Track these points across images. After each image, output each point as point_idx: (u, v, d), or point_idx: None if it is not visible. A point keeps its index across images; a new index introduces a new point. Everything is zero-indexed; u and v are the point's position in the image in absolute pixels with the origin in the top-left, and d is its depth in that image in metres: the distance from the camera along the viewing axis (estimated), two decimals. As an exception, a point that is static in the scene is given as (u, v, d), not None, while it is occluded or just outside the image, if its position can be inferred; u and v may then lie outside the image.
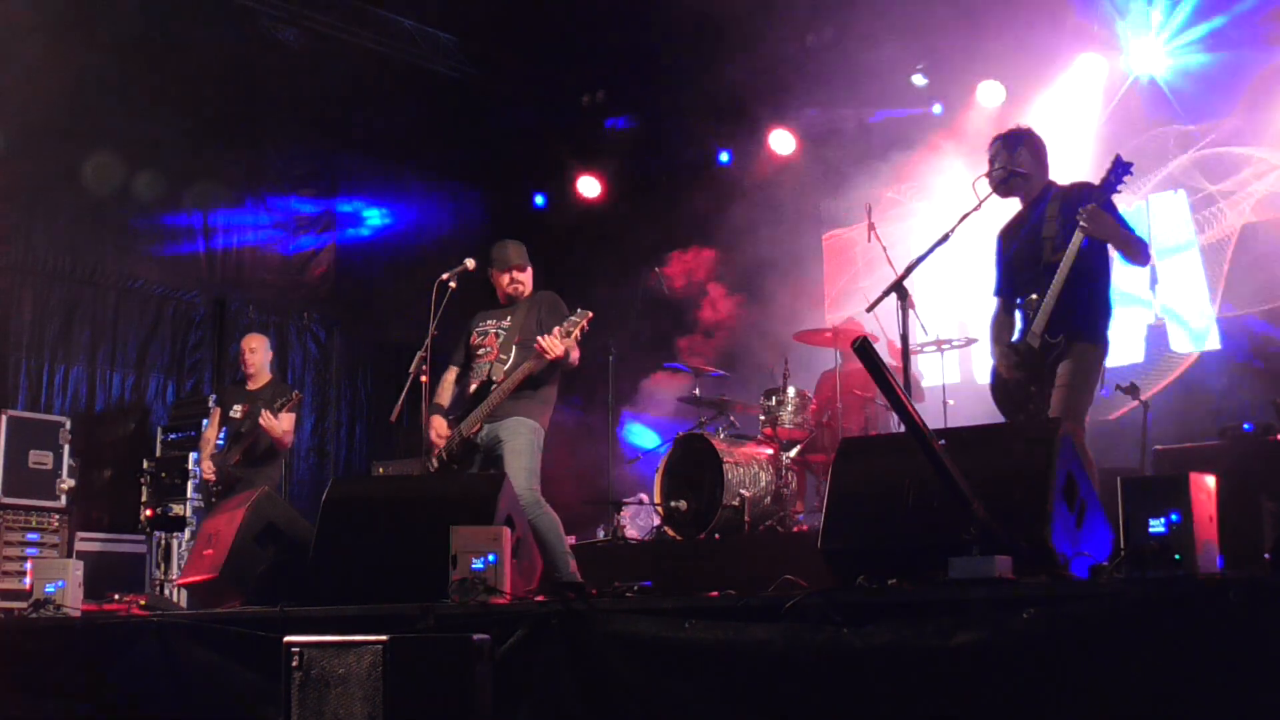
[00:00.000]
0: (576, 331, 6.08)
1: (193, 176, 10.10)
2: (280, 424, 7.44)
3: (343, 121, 10.99)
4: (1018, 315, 5.43)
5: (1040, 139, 5.59)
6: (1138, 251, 5.28)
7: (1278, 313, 8.27)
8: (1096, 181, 5.24)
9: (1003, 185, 5.49)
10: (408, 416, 7.28)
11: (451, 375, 6.49)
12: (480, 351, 6.36)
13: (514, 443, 6.09)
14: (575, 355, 6.17)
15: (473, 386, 6.28)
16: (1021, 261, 5.42)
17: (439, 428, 6.26)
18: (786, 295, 9.80)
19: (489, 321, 6.45)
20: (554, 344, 6.01)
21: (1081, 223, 5.08)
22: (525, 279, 6.47)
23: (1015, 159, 5.46)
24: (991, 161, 5.52)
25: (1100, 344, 5.27)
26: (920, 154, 9.71)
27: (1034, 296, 5.25)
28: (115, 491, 9.42)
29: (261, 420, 7.37)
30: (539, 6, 10.06)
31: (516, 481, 5.95)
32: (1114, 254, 5.35)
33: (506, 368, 6.19)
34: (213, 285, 10.57)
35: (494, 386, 6.16)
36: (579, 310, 6.18)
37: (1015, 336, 5.38)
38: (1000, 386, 5.43)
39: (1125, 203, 7.10)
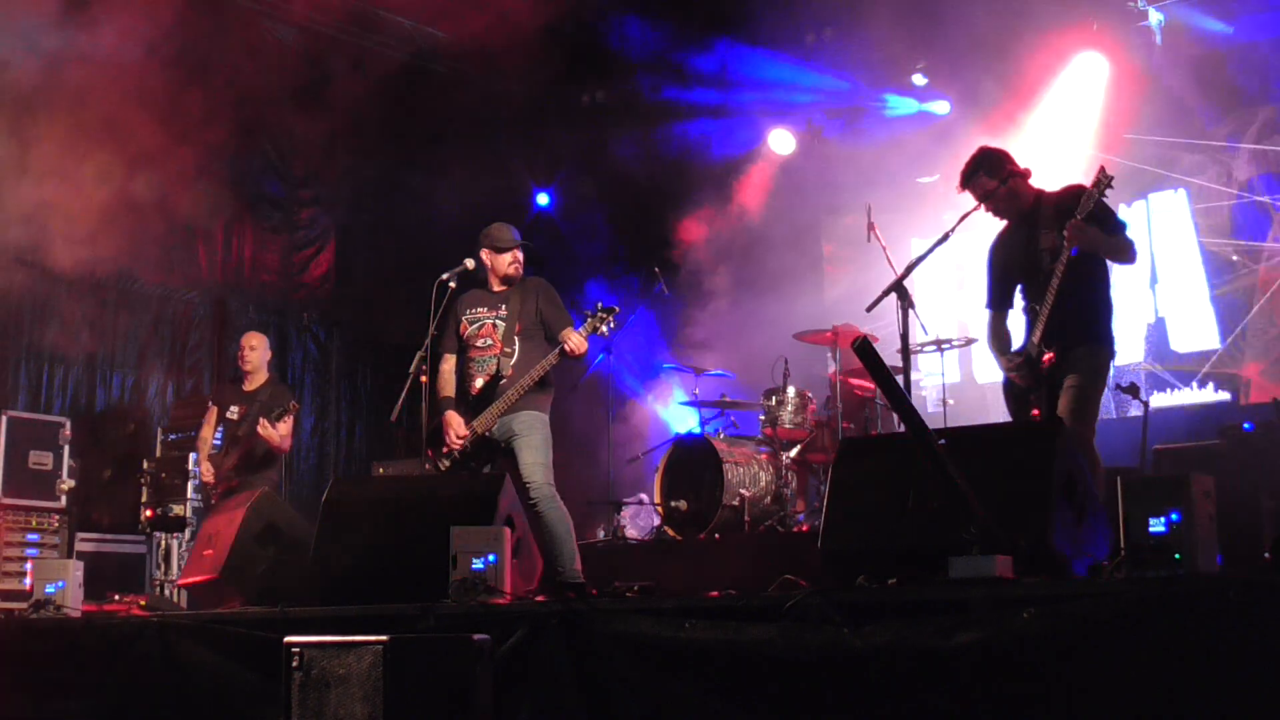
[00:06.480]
0: (604, 328, 6.12)
1: (192, 176, 10.08)
2: (278, 431, 7.41)
3: (342, 121, 10.98)
4: (1022, 323, 5.48)
5: (1006, 152, 5.56)
6: (1125, 254, 5.35)
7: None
8: (1088, 184, 5.25)
9: (997, 211, 5.54)
10: (407, 416, 7.27)
11: (449, 364, 6.36)
12: (480, 343, 6.25)
13: (530, 437, 6.07)
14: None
15: (479, 381, 6.18)
16: (1020, 273, 5.48)
17: (457, 427, 6.14)
18: (787, 295, 9.79)
19: (480, 309, 6.34)
20: (581, 343, 6.06)
21: (1065, 242, 5.16)
22: (522, 259, 6.43)
23: (1008, 186, 5.43)
24: (984, 198, 5.46)
25: (1106, 345, 5.34)
26: (921, 152, 9.70)
27: (1038, 306, 5.30)
28: (115, 491, 9.38)
29: (260, 430, 7.34)
30: (539, 6, 10.06)
31: (533, 475, 5.97)
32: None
33: (514, 362, 6.15)
34: (213, 285, 10.55)
35: (503, 381, 6.12)
36: (601, 305, 6.17)
37: (1018, 345, 5.43)
38: (1011, 391, 5.48)
39: (1125, 201, 7.08)
